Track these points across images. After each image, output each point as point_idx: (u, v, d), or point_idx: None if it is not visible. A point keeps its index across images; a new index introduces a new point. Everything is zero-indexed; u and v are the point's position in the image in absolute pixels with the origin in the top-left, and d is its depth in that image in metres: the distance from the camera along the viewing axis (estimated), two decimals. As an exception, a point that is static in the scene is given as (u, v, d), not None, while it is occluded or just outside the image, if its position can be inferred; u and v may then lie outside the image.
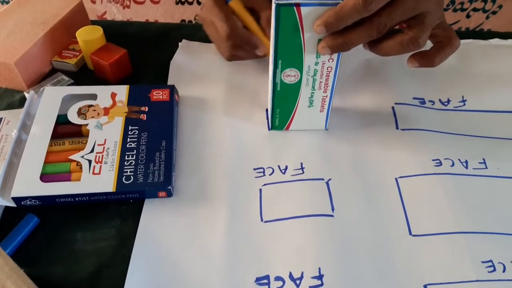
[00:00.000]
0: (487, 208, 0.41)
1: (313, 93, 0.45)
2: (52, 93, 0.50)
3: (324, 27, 0.37)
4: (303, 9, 0.37)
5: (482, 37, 0.60)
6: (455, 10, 1.47)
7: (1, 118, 0.49)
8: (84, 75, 0.56)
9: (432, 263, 0.37)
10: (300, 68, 0.42)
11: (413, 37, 0.39)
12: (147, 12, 0.87)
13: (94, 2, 0.87)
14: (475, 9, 1.46)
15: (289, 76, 0.43)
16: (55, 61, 0.57)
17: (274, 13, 0.38)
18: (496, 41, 0.60)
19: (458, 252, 0.38)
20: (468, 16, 0.56)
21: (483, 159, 0.45)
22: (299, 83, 0.44)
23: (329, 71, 0.42)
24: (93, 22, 0.63)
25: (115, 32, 0.60)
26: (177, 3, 0.84)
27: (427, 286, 0.36)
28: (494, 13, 1.46)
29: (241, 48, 0.50)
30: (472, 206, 0.41)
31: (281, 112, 0.47)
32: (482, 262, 0.37)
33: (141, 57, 0.58)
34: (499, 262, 0.37)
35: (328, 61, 0.42)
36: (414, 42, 0.39)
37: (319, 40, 0.40)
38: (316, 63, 0.42)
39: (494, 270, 0.37)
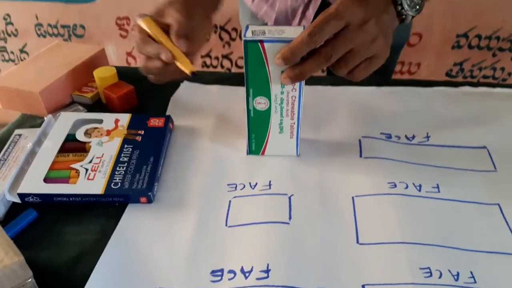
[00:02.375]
0: (433, 224, 0.45)
1: (282, 119, 0.51)
2: (67, 118, 0.59)
3: (282, 60, 0.45)
4: (266, 45, 0.45)
5: (454, 85, 0.66)
6: (464, 77, 1.54)
7: (21, 135, 0.58)
8: (98, 107, 0.66)
9: (373, 267, 0.41)
10: (268, 96, 0.49)
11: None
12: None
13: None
14: (485, 76, 1.53)
15: (260, 103, 0.50)
16: (74, 94, 0.67)
17: (243, 48, 0.46)
18: (466, 88, 0.65)
19: (398, 259, 0.41)
20: (477, 84, 0.62)
21: (437, 184, 0.49)
22: (269, 110, 0.50)
23: (294, 100, 0.49)
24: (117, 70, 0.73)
25: (129, 73, 0.70)
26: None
27: (365, 286, 0.39)
28: (504, 80, 1.51)
29: (151, 58, 0.55)
30: (419, 222, 0.45)
31: (256, 137, 0.54)
32: (420, 268, 0.40)
33: (147, 94, 0.67)
34: (436, 269, 0.40)
35: (292, 90, 0.49)
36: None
37: (282, 72, 0.47)
38: (282, 93, 0.49)
39: (431, 275, 0.39)
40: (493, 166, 0.52)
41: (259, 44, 0.45)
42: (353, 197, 0.48)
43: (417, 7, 0.48)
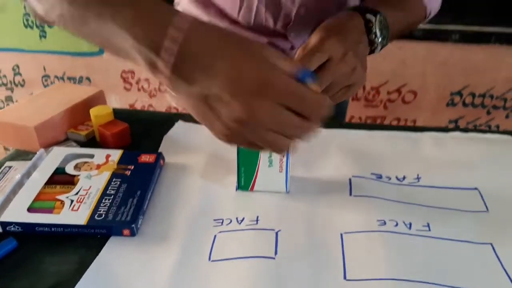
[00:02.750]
0: (422, 261, 0.43)
1: (271, 153, 0.51)
2: (58, 152, 0.59)
3: None
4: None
5: (444, 130, 0.67)
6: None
7: (11, 166, 0.58)
8: (92, 145, 0.66)
9: (360, 303, 0.39)
10: (257, 130, 0.50)
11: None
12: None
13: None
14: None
15: (249, 137, 0.50)
16: (69, 132, 0.68)
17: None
18: (456, 133, 0.66)
19: (387, 295, 0.39)
20: (467, 130, 0.62)
21: (428, 223, 0.48)
22: (258, 144, 0.51)
23: (283, 134, 0.50)
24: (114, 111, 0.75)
25: (125, 114, 0.71)
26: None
27: (351, 322, 0.37)
28: None
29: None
30: (408, 258, 0.43)
31: (246, 171, 0.53)
32: (409, 305, 0.38)
33: (141, 133, 0.68)
34: (425, 307, 0.38)
35: (281, 124, 0.49)
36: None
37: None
38: (271, 126, 0.49)
39: (420, 313, 0.38)
40: (485, 207, 0.51)
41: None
42: (341, 234, 0.47)
43: (386, 39, 0.53)
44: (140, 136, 0.68)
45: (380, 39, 0.53)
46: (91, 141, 0.67)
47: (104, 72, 1.67)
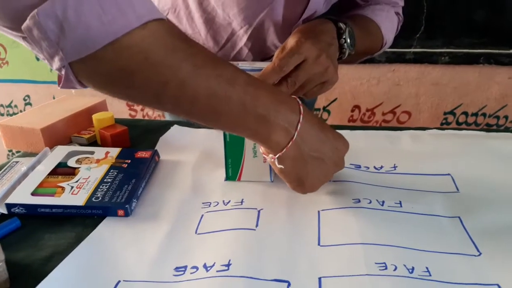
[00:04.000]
0: (392, 230, 0.46)
1: (255, 144, 0.56)
2: (62, 149, 0.64)
3: None
4: (238, 72, 0.52)
5: (422, 129, 0.71)
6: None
7: (18, 161, 0.63)
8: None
9: (331, 263, 0.42)
10: (241, 120, 0.54)
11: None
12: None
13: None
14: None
15: (234, 127, 0.55)
16: (73, 136, 0.73)
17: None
18: (433, 131, 0.70)
19: (356, 256, 0.42)
20: (444, 128, 0.67)
21: (400, 201, 0.52)
22: (242, 134, 0.55)
23: (265, 123, 0.54)
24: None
25: (126, 122, 0.76)
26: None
27: (322, 278, 0.40)
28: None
29: None
30: (379, 228, 0.47)
31: (233, 163, 0.58)
32: (376, 263, 0.41)
33: (140, 138, 0.73)
34: (392, 264, 0.41)
35: (262, 114, 0.54)
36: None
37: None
38: (253, 116, 0.54)
39: (386, 269, 0.41)
40: (456, 188, 0.55)
41: (232, 71, 0.52)
42: (319, 211, 0.51)
43: (353, 47, 0.61)
44: (138, 140, 0.73)
45: (348, 44, 0.59)
46: (93, 144, 0.72)
47: (109, 100, 1.75)
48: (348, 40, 0.60)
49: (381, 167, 0.61)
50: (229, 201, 0.54)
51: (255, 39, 0.71)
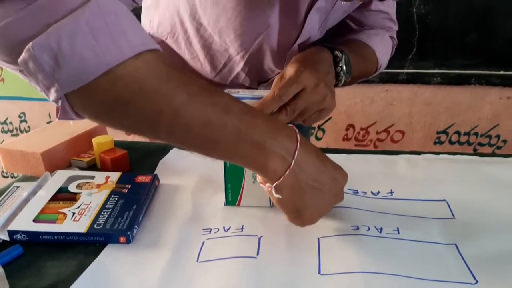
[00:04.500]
0: (391, 258, 0.47)
1: (254, 169, 0.57)
2: (62, 174, 0.65)
3: None
4: (239, 101, 0.53)
5: (417, 153, 0.72)
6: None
7: (19, 186, 0.63)
8: (93, 171, 0.72)
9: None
10: (242, 147, 0.56)
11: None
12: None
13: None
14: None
15: (235, 154, 0.56)
16: (72, 160, 0.73)
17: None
18: (428, 155, 0.72)
19: (356, 285, 0.43)
20: (439, 153, 0.69)
21: (397, 227, 0.53)
22: (242, 160, 0.56)
23: (264, 150, 0.55)
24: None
25: (125, 145, 0.77)
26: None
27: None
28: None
29: None
30: (378, 256, 0.48)
31: (232, 188, 0.59)
32: (376, 292, 0.42)
33: (140, 161, 0.74)
34: (391, 294, 0.42)
35: (262, 141, 0.55)
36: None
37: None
38: (253, 143, 0.55)
39: (385, 298, 0.41)
40: (452, 214, 0.56)
41: (233, 100, 0.53)
42: (318, 238, 0.52)
43: (349, 74, 0.62)
44: (138, 163, 0.73)
45: (344, 72, 0.61)
46: (92, 168, 0.73)
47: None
48: (344, 68, 0.62)
49: (378, 192, 0.62)
50: (230, 228, 0.54)
51: (252, 64, 0.73)
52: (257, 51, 0.70)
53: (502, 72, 1.44)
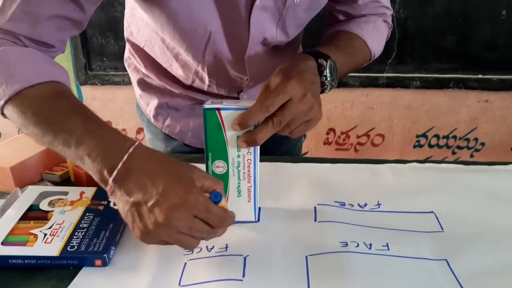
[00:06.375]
0: (382, 277, 0.46)
1: (239, 183, 0.54)
2: (33, 190, 0.61)
3: (238, 125, 0.50)
4: (223, 112, 0.51)
5: (403, 162, 0.71)
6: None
7: (-15, 205, 0.59)
8: (66, 185, 0.68)
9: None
10: (226, 160, 0.53)
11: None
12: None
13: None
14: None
15: (219, 167, 0.54)
16: (44, 173, 0.69)
17: (203, 115, 0.51)
18: (414, 164, 0.71)
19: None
20: (425, 161, 0.68)
21: (387, 243, 0.51)
22: (227, 173, 0.54)
23: (250, 163, 0.53)
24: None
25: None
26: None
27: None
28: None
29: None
30: (368, 274, 0.46)
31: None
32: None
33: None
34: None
35: (247, 154, 0.53)
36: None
37: (238, 137, 0.52)
38: (238, 156, 0.53)
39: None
40: (440, 227, 0.55)
41: (216, 111, 0.51)
42: (306, 256, 0.50)
43: (335, 80, 0.60)
44: (114, 176, 0.70)
45: (329, 81, 0.58)
46: (66, 182, 0.69)
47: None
48: (329, 76, 0.59)
49: (365, 204, 0.60)
50: (213, 247, 0.52)
51: (216, 74, 0.71)
52: (214, 61, 0.68)
53: (480, 76, 1.46)
